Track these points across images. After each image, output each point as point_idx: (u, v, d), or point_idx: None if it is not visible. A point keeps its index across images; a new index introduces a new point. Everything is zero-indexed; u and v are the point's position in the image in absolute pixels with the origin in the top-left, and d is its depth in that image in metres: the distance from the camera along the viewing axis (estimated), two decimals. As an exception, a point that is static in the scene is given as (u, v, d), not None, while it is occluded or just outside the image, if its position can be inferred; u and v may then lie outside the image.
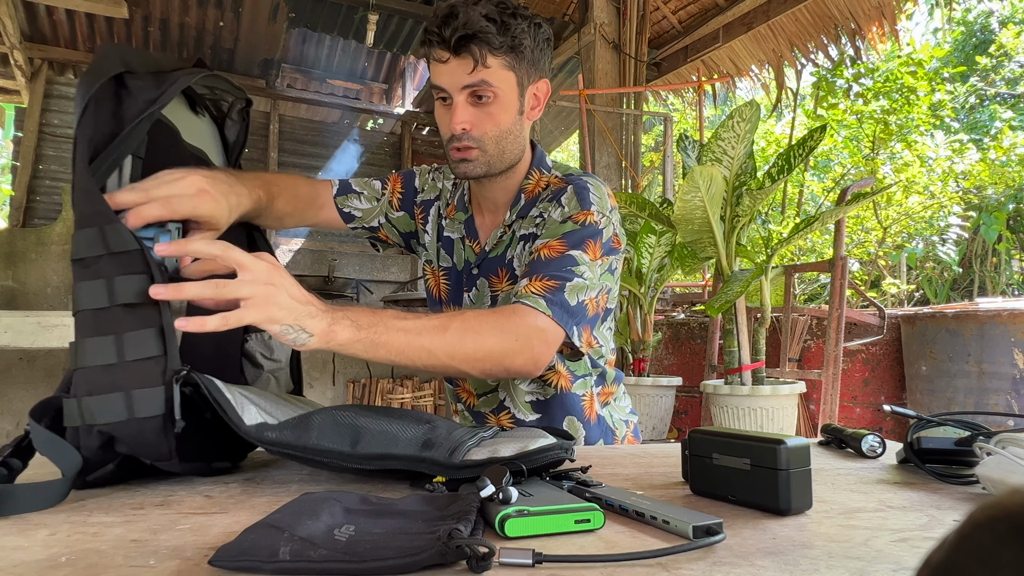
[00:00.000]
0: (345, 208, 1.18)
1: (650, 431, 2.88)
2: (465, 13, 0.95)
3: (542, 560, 0.42)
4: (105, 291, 0.59)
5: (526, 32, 0.99)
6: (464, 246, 1.17)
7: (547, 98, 1.09)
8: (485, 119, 1.00)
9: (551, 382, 1.10)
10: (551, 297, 0.94)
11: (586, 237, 1.01)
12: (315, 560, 0.40)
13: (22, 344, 1.87)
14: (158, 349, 0.60)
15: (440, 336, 0.83)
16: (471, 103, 1.00)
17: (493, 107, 1.00)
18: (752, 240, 3.72)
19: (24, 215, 5.26)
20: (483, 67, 0.97)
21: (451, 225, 1.19)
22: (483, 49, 0.96)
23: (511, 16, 0.98)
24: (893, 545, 0.47)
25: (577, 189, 1.05)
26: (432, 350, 0.82)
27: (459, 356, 0.85)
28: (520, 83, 1.02)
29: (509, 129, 1.03)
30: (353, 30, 5.01)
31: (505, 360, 0.89)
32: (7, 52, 5.05)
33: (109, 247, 0.61)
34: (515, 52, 0.99)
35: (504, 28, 0.97)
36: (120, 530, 0.50)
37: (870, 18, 4.04)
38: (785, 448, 0.54)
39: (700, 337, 3.41)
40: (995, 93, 8.59)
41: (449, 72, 0.98)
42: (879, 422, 2.89)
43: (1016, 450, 0.58)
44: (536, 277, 0.96)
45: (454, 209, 1.19)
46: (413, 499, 0.53)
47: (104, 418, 0.58)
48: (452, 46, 0.96)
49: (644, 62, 4.27)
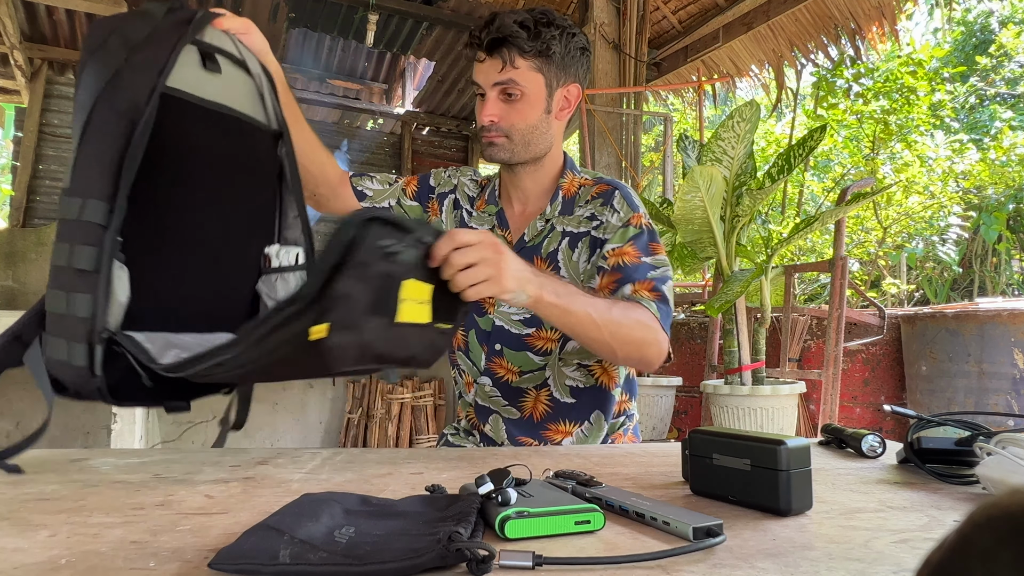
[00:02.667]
0: (358, 187, 1.27)
1: (650, 431, 2.88)
2: (501, 19, 1.09)
3: (542, 562, 0.42)
4: (66, 254, 0.69)
5: (556, 39, 1.11)
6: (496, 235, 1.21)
7: (578, 101, 1.19)
8: (512, 113, 1.12)
9: (595, 374, 1.18)
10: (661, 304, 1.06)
11: (651, 240, 1.15)
12: (315, 563, 0.40)
13: (22, 344, 1.86)
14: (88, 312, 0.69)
15: (607, 314, 0.96)
16: (501, 99, 1.12)
17: (520, 104, 1.12)
18: (752, 240, 3.72)
19: (24, 215, 5.26)
20: (512, 67, 1.10)
21: (480, 218, 1.27)
22: (512, 52, 1.09)
23: (545, 25, 1.10)
24: (893, 546, 0.47)
25: (624, 194, 1.17)
26: (600, 324, 0.95)
27: (618, 336, 0.97)
28: (548, 85, 1.14)
29: (535, 125, 1.14)
30: (353, 30, 5.01)
31: (644, 348, 1.02)
32: (7, 52, 5.05)
33: (81, 216, 0.70)
34: (544, 56, 1.11)
35: (536, 35, 1.09)
36: (120, 531, 0.50)
37: (870, 18, 4.03)
38: (785, 448, 0.54)
39: (700, 337, 3.41)
40: (995, 93, 8.59)
41: (483, 70, 1.12)
42: (879, 422, 2.89)
43: (1016, 450, 0.58)
44: (638, 282, 1.08)
45: (484, 203, 1.28)
46: (413, 500, 0.53)
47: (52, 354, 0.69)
48: (485, 47, 1.10)
49: (644, 62, 4.27)
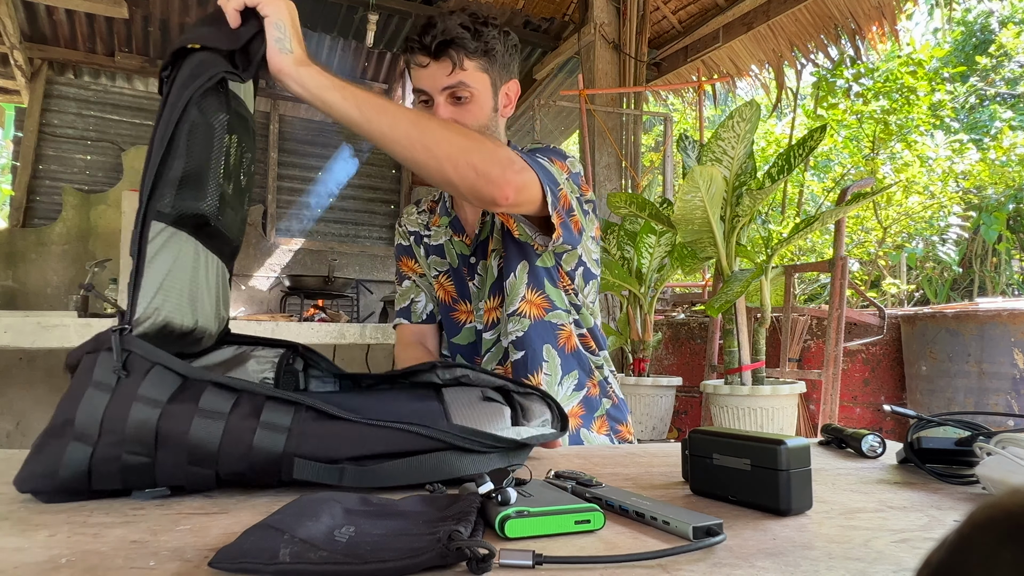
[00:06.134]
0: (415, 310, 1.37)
1: (650, 431, 2.88)
2: (443, 22, 1.09)
3: (542, 561, 0.42)
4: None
5: (497, 38, 1.13)
6: (454, 243, 1.30)
7: (517, 97, 1.22)
8: (465, 116, 1.12)
9: (523, 313, 1.20)
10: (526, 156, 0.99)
11: (551, 155, 1.10)
12: (315, 562, 0.40)
13: (22, 344, 1.87)
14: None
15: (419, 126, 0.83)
16: (451, 103, 1.12)
17: (471, 106, 1.13)
18: (752, 240, 3.72)
19: (24, 215, 5.26)
20: (460, 69, 1.10)
21: (437, 232, 1.32)
22: (460, 53, 1.09)
23: (483, 25, 1.11)
24: (893, 546, 0.47)
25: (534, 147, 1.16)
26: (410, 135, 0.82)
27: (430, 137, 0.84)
28: (493, 83, 1.15)
29: (486, 125, 1.15)
30: (353, 30, 5.01)
31: (474, 159, 0.87)
32: (7, 52, 5.05)
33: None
34: (488, 56, 1.13)
35: (477, 35, 1.10)
36: (120, 531, 0.50)
37: (870, 18, 4.03)
38: (785, 448, 0.54)
39: (700, 337, 3.41)
40: (995, 93, 8.59)
41: (429, 75, 1.11)
42: (879, 422, 2.89)
43: (1016, 450, 0.58)
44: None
45: (438, 217, 1.32)
46: (413, 500, 0.53)
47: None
48: (432, 51, 1.08)
49: (644, 62, 4.26)
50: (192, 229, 0.70)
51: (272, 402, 0.60)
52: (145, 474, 0.59)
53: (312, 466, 0.59)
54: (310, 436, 0.60)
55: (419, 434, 0.62)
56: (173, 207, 0.66)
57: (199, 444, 0.58)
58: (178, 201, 0.66)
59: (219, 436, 0.58)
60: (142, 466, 0.58)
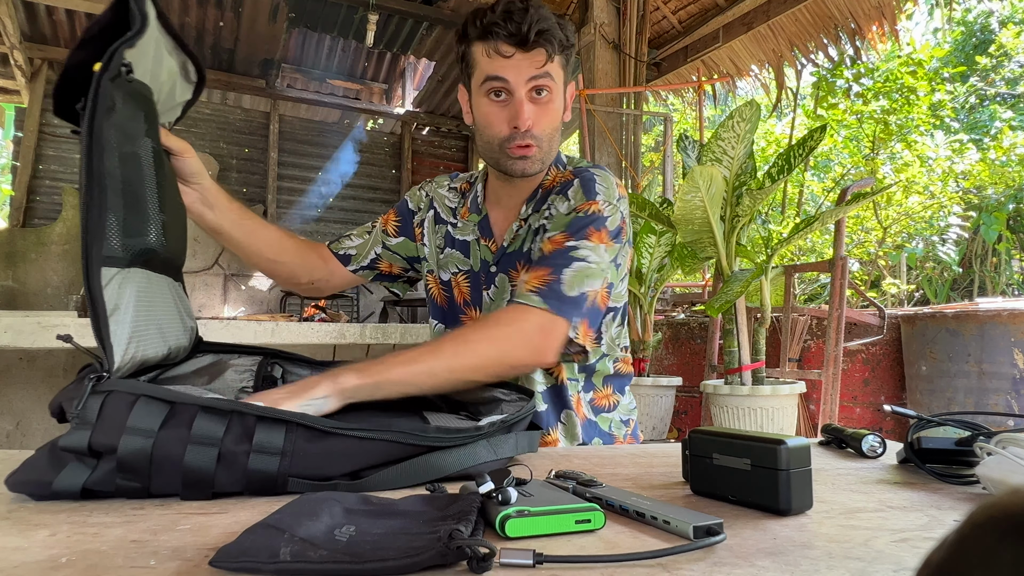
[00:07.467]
0: (340, 252, 1.22)
1: (650, 431, 2.88)
2: (536, 10, 0.97)
3: (543, 560, 0.42)
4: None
5: (573, 35, 1.03)
6: (480, 246, 1.18)
7: (572, 100, 1.12)
8: (543, 115, 1.02)
9: (554, 372, 1.12)
10: (545, 290, 0.94)
11: (588, 225, 1.00)
12: (315, 561, 0.40)
13: (22, 344, 1.87)
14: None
15: (436, 357, 0.84)
16: (532, 98, 1.01)
17: (550, 104, 1.03)
18: (752, 240, 3.72)
19: (24, 215, 5.26)
20: (551, 62, 1.00)
21: (464, 228, 1.19)
22: (551, 46, 0.99)
23: (561, 17, 1.01)
24: (893, 545, 0.47)
25: (583, 181, 1.05)
26: (433, 371, 0.83)
27: (459, 369, 0.85)
28: (565, 82, 1.06)
29: (558, 127, 1.06)
30: (353, 30, 5.01)
31: (506, 359, 0.89)
32: (7, 52, 5.06)
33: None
34: (566, 53, 1.03)
35: (562, 27, 1.00)
36: (120, 530, 0.50)
37: (870, 18, 4.04)
38: (785, 448, 0.54)
39: (700, 337, 3.41)
40: (995, 93, 8.59)
41: (515, 66, 0.99)
42: (879, 422, 2.89)
43: (1016, 450, 0.58)
44: (534, 271, 0.96)
45: (467, 211, 1.20)
46: (413, 499, 0.53)
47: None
48: (524, 40, 0.97)
49: (644, 62, 4.27)
50: (142, 264, 0.69)
51: (264, 422, 0.60)
52: (140, 494, 0.60)
53: (307, 485, 0.60)
54: (303, 455, 0.60)
55: (405, 443, 0.62)
56: (124, 248, 0.64)
57: (194, 471, 0.58)
58: (126, 240, 0.64)
59: (214, 463, 0.58)
60: (137, 491, 0.59)
